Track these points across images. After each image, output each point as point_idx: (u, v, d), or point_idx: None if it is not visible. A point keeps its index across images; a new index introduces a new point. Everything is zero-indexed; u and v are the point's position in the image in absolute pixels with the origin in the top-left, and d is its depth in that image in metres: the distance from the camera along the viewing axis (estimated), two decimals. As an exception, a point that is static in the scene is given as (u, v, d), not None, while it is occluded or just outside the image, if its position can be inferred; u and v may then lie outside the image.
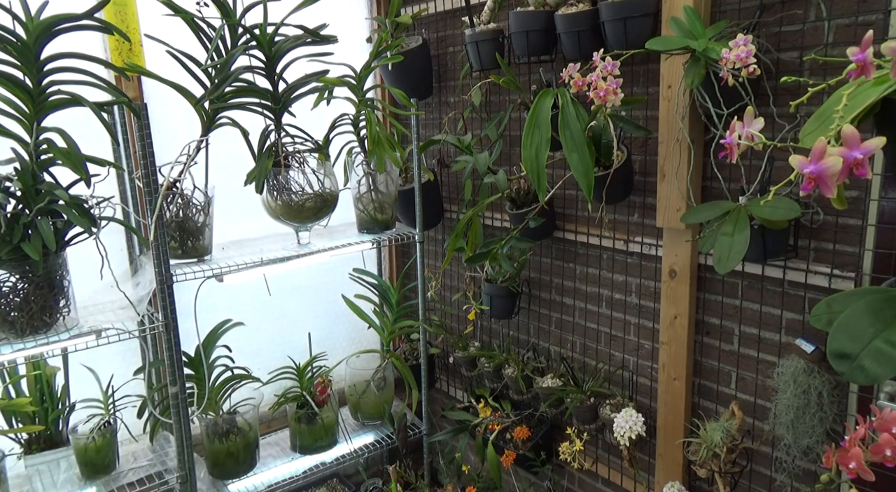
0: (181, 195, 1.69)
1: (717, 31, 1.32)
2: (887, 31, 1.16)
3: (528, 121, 1.36)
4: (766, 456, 1.50)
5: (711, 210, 1.33)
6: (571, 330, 1.97)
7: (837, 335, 0.85)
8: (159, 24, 1.66)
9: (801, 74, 1.30)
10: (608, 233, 1.77)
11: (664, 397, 1.65)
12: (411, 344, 2.48)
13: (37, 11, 1.34)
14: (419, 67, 2.14)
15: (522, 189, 1.85)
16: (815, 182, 0.74)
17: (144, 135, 1.53)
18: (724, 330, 1.54)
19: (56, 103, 1.40)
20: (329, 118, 1.92)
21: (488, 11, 1.85)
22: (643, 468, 1.79)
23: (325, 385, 2.10)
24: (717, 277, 1.53)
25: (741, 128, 0.94)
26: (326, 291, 2.42)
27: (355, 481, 2.49)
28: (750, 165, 1.41)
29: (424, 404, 2.29)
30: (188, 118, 1.70)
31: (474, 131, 2.13)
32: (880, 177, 1.19)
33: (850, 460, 0.85)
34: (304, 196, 1.84)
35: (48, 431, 1.76)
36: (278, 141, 1.81)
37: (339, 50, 1.80)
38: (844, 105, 0.78)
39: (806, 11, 1.28)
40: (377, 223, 2.08)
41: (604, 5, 1.48)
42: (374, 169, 1.97)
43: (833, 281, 1.30)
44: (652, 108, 1.58)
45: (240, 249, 1.91)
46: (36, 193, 1.38)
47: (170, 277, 1.62)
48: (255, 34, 1.64)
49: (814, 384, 1.31)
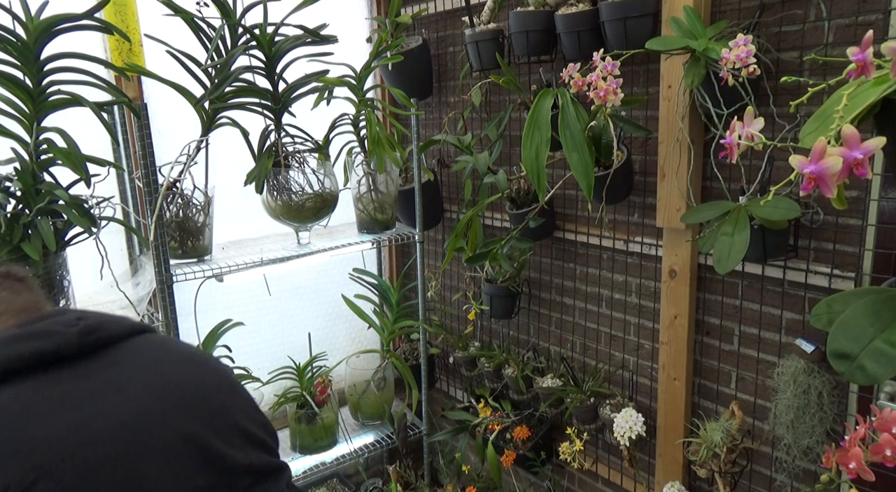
0: (181, 195, 1.69)
1: (717, 31, 1.32)
2: (887, 31, 1.16)
3: (528, 121, 1.36)
4: (766, 456, 1.50)
5: (711, 210, 1.33)
6: (571, 330, 1.97)
7: (837, 335, 0.85)
8: (159, 24, 1.66)
9: (801, 74, 1.30)
10: (608, 233, 1.77)
11: (664, 397, 1.65)
12: (411, 344, 2.48)
13: (37, 11, 1.34)
14: (419, 67, 2.14)
15: (522, 189, 1.85)
16: (815, 182, 0.74)
17: (144, 135, 1.53)
18: (724, 330, 1.54)
19: (56, 103, 1.40)
20: (329, 118, 1.92)
21: (488, 11, 1.85)
22: (643, 468, 1.78)
23: (325, 385, 2.10)
24: (717, 277, 1.53)
25: (741, 128, 0.94)
26: (326, 291, 2.42)
27: (355, 481, 2.49)
28: (750, 165, 1.41)
29: (424, 404, 2.29)
30: (188, 118, 1.70)
31: (474, 131, 2.13)
32: (880, 177, 1.19)
33: (850, 460, 0.85)
34: (304, 196, 1.84)
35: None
36: (278, 141, 1.81)
37: (339, 50, 1.80)
38: (844, 105, 0.78)
39: (806, 11, 1.28)
40: (377, 223, 2.08)
41: (604, 5, 1.48)
42: (374, 169, 1.97)
43: (833, 281, 1.30)
44: (652, 108, 1.58)
45: (240, 249, 1.91)
46: (36, 193, 1.38)
47: (170, 277, 1.62)
48: (255, 34, 1.64)
49: (814, 384, 1.31)
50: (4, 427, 0.73)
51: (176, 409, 0.82)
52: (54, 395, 0.77)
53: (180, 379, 0.87)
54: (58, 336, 0.80)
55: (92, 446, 0.74)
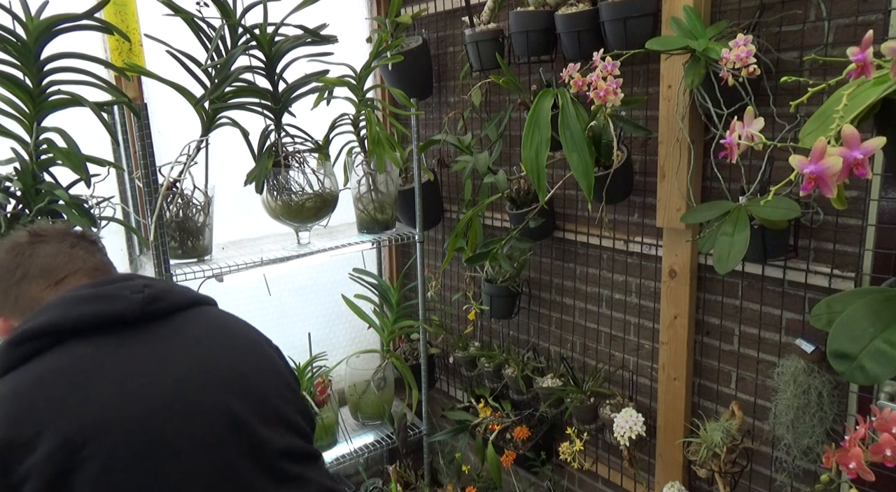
0: (181, 195, 1.69)
1: (717, 31, 1.32)
2: (887, 31, 1.16)
3: (528, 121, 1.36)
4: (766, 456, 1.50)
5: (711, 210, 1.33)
6: (571, 330, 1.97)
7: (837, 335, 0.85)
8: (159, 24, 1.66)
9: (801, 74, 1.30)
10: (608, 233, 1.77)
11: (664, 397, 1.65)
12: (411, 344, 2.48)
13: (37, 11, 1.34)
14: (419, 67, 2.14)
15: (522, 189, 1.85)
16: (815, 182, 0.74)
17: (144, 135, 1.53)
18: (724, 330, 1.54)
19: (56, 103, 1.40)
20: (329, 118, 1.92)
21: (488, 11, 1.85)
22: (643, 468, 1.79)
23: (325, 385, 2.10)
24: (717, 277, 1.53)
25: (741, 128, 0.94)
26: (326, 291, 2.42)
27: (355, 481, 2.49)
28: (750, 165, 1.41)
29: (424, 403, 2.29)
30: (188, 118, 1.70)
31: (474, 131, 2.13)
32: (880, 177, 1.19)
33: (850, 460, 0.85)
34: (304, 196, 1.84)
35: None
36: (278, 141, 1.81)
37: (339, 50, 1.80)
38: (844, 105, 0.78)
39: (806, 11, 1.28)
40: (377, 223, 2.08)
41: (604, 5, 1.48)
42: (374, 169, 1.97)
43: (833, 281, 1.30)
44: (652, 108, 1.58)
45: (240, 249, 1.91)
46: (36, 193, 1.38)
47: (170, 277, 1.62)
48: (255, 34, 1.64)
49: (814, 384, 1.31)
50: (64, 385, 0.79)
51: (220, 387, 0.88)
52: (112, 359, 0.83)
53: (228, 359, 0.92)
54: (124, 301, 0.87)
55: (138, 415, 0.79)
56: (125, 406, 0.79)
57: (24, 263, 0.96)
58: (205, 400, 0.85)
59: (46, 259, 0.97)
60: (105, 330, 0.85)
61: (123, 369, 0.83)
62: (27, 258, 0.97)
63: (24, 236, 1.00)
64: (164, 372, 0.84)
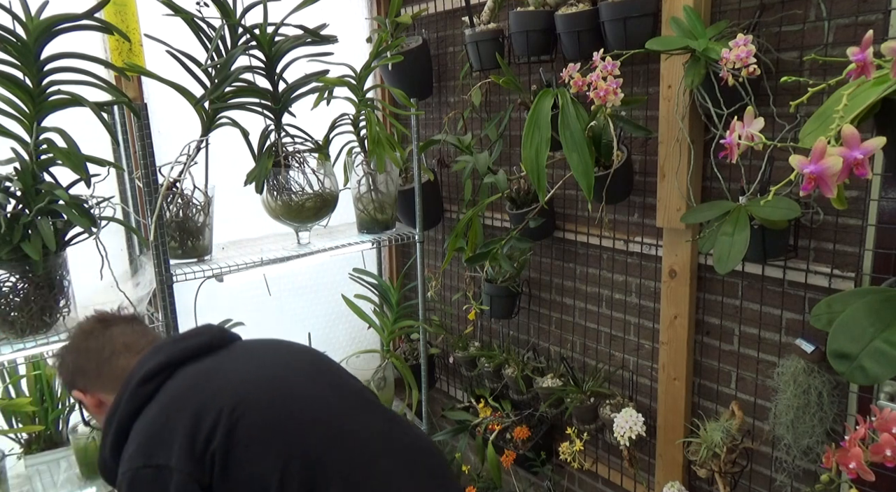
0: (181, 195, 1.69)
1: (717, 31, 1.32)
2: (887, 31, 1.16)
3: (528, 121, 1.36)
4: (766, 456, 1.50)
5: (711, 210, 1.33)
6: (571, 330, 1.97)
7: (837, 335, 0.85)
8: (159, 24, 1.66)
9: (801, 74, 1.30)
10: (608, 233, 1.77)
11: (664, 397, 1.65)
12: (411, 344, 2.48)
13: (37, 11, 1.34)
14: (419, 67, 2.14)
15: (522, 189, 1.85)
16: (815, 182, 0.74)
17: (144, 135, 1.53)
18: (724, 330, 1.54)
19: (56, 103, 1.40)
20: (329, 118, 1.92)
21: (488, 11, 1.85)
22: (643, 468, 1.79)
23: (325, 385, 2.10)
24: (717, 277, 1.53)
25: (741, 128, 0.94)
26: (326, 291, 2.42)
27: (355, 481, 2.48)
28: (750, 165, 1.41)
29: (424, 403, 2.29)
30: (188, 118, 1.70)
31: (474, 131, 2.13)
32: (880, 177, 1.19)
33: (850, 460, 0.85)
34: (304, 196, 1.84)
35: (48, 431, 1.76)
36: (278, 141, 1.81)
37: (339, 50, 1.80)
38: (844, 105, 0.78)
39: (806, 11, 1.28)
40: (377, 223, 2.08)
41: (604, 5, 1.48)
42: (374, 169, 1.97)
43: (833, 281, 1.30)
44: (652, 108, 1.58)
45: (240, 249, 1.91)
46: (36, 193, 1.38)
47: (170, 277, 1.62)
48: (255, 34, 1.64)
49: (814, 384, 1.31)
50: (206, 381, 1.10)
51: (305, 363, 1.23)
52: (218, 367, 1.15)
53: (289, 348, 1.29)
54: (207, 335, 1.21)
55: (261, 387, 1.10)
56: (245, 385, 1.09)
57: (108, 343, 1.20)
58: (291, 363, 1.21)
59: (124, 337, 1.22)
60: (200, 357, 1.16)
61: (230, 367, 1.14)
62: (109, 339, 1.21)
63: (93, 323, 1.25)
64: (257, 365, 1.16)
